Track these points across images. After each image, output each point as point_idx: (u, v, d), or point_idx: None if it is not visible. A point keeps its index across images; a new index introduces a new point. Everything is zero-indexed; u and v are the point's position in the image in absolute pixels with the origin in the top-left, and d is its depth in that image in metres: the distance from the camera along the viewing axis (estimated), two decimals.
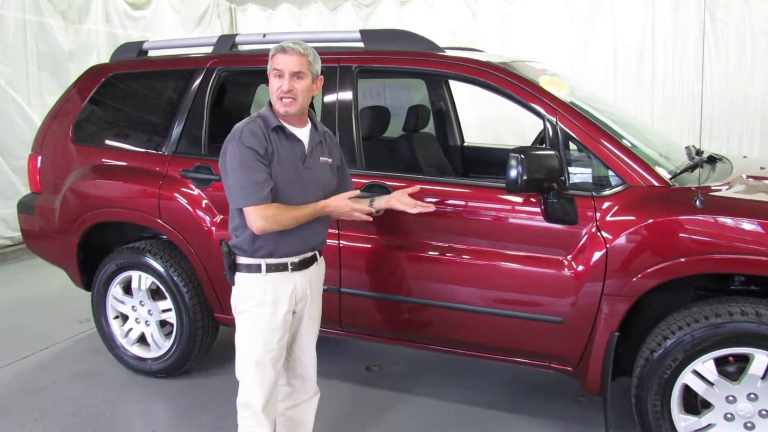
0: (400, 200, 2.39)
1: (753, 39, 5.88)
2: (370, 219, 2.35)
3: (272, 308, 2.14)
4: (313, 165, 2.19)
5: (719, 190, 2.39)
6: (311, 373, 2.38)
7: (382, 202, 2.40)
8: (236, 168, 2.04)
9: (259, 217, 2.03)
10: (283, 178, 2.10)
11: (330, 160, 2.27)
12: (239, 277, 2.17)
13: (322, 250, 2.35)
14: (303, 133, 2.19)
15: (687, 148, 3.04)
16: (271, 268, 2.13)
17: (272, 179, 2.07)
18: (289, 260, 2.16)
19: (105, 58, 3.74)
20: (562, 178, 2.34)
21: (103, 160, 3.33)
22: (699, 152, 2.90)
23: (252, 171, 2.03)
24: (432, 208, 2.46)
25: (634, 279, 2.26)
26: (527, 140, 3.86)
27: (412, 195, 2.43)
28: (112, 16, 6.70)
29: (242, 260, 2.15)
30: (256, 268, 2.13)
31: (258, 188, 2.03)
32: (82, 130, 3.44)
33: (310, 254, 2.24)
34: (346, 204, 2.23)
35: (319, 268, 2.33)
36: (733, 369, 2.20)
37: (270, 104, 2.16)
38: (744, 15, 5.87)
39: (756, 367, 2.14)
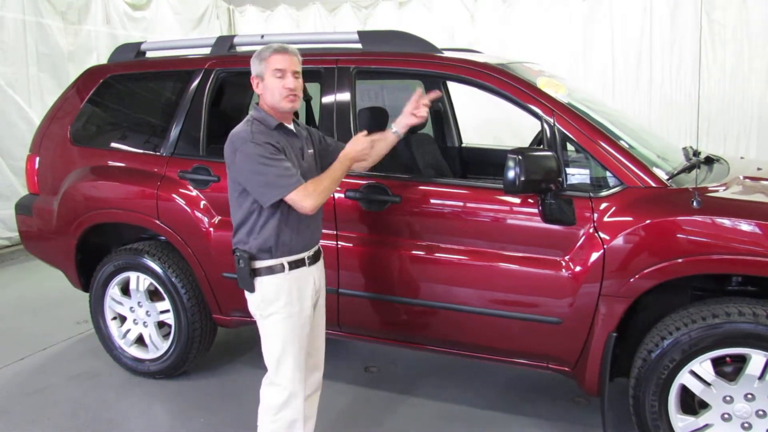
0: (414, 114, 2.42)
1: (750, 41, 5.90)
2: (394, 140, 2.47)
3: (299, 305, 2.18)
4: (307, 158, 2.26)
5: (716, 191, 2.40)
6: (320, 363, 2.42)
7: (402, 125, 2.45)
8: (262, 164, 2.05)
9: (305, 197, 2.07)
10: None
11: (312, 150, 2.33)
12: (262, 281, 2.16)
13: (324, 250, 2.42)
14: (294, 129, 2.25)
15: (684, 149, 3.04)
16: (292, 266, 2.17)
17: None
18: (305, 255, 2.21)
19: (105, 59, 3.73)
20: (560, 179, 2.35)
21: (101, 161, 3.33)
22: (696, 153, 2.90)
23: (278, 161, 2.07)
24: (439, 94, 2.50)
25: (631, 280, 2.27)
26: (525, 141, 3.87)
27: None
28: (112, 17, 6.70)
29: (263, 263, 2.15)
30: (280, 268, 2.15)
31: (291, 173, 2.07)
32: (80, 131, 3.44)
33: (316, 247, 2.30)
34: (363, 140, 2.29)
35: (322, 261, 2.39)
36: (730, 369, 2.21)
37: (256, 106, 2.20)
38: (741, 17, 5.90)
39: (753, 368, 2.14)
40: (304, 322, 2.21)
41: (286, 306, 2.16)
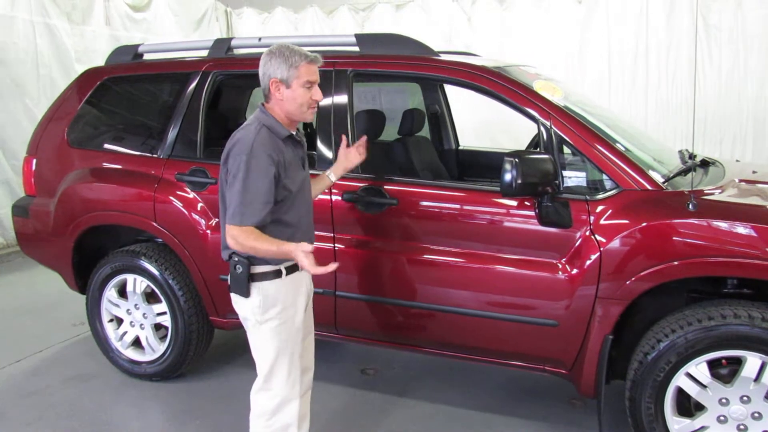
0: (348, 159, 2.52)
1: (746, 44, 5.94)
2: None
3: (295, 309, 2.18)
4: (306, 167, 2.24)
5: (712, 194, 2.41)
6: (311, 363, 2.42)
7: (338, 172, 2.50)
8: (240, 183, 1.99)
9: (239, 239, 2.01)
10: (295, 186, 2.12)
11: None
12: (260, 286, 2.12)
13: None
14: (298, 138, 2.23)
15: (680, 152, 3.06)
16: (289, 270, 2.15)
17: (285, 190, 2.08)
18: None
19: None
20: (557, 181, 2.35)
21: (99, 163, 3.33)
22: (692, 156, 2.92)
23: (255, 190, 2.00)
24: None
25: (627, 282, 2.27)
26: (522, 144, 3.88)
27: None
28: (113, 18, 6.72)
29: (261, 268, 2.12)
30: (278, 274, 2.13)
31: (253, 208, 2.00)
32: (77, 133, 3.43)
33: None
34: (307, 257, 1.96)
35: None
36: (725, 371, 2.22)
37: (264, 109, 2.13)
38: (737, 21, 5.93)
39: (748, 370, 2.15)
40: (298, 327, 2.20)
41: (283, 311, 2.15)
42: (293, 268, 2.17)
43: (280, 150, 2.07)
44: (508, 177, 2.28)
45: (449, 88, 4.31)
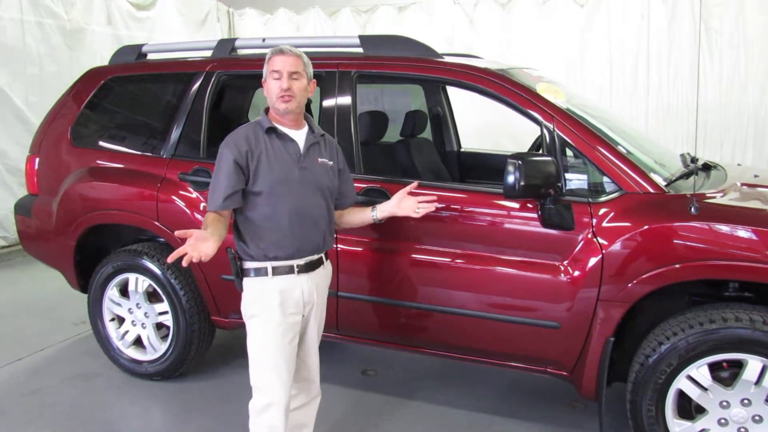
0: (401, 206, 2.45)
1: (747, 49, 5.95)
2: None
3: (281, 311, 2.16)
4: (310, 165, 2.21)
5: (714, 197, 2.42)
6: (315, 376, 2.40)
7: (384, 212, 2.46)
8: (215, 171, 2.17)
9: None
10: (272, 178, 2.13)
11: (330, 162, 2.29)
12: (247, 282, 2.19)
13: (329, 255, 2.37)
14: (298, 135, 2.22)
15: (682, 155, 3.07)
16: (277, 271, 2.15)
17: (261, 182, 2.13)
18: (295, 262, 2.18)
19: (107, 60, 3.73)
20: (559, 184, 2.36)
21: (101, 162, 3.34)
22: (694, 160, 2.92)
23: (221, 177, 2.13)
24: (434, 207, 2.48)
25: (629, 285, 2.28)
26: (524, 146, 3.89)
27: (411, 193, 2.48)
28: (114, 17, 6.69)
29: (249, 265, 2.17)
30: (263, 272, 2.15)
31: (216, 195, 2.14)
32: (80, 132, 3.44)
33: (316, 257, 2.25)
34: (199, 244, 1.95)
35: (326, 272, 2.34)
36: (726, 374, 2.22)
37: (266, 111, 2.22)
38: (738, 26, 5.94)
39: (749, 373, 2.16)
40: (286, 329, 2.17)
41: (265, 310, 2.15)
42: (285, 270, 2.16)
43: (256, 140, 2.15)
44: (510, 179, 2.29)
45: (451, 90, 4.32)
